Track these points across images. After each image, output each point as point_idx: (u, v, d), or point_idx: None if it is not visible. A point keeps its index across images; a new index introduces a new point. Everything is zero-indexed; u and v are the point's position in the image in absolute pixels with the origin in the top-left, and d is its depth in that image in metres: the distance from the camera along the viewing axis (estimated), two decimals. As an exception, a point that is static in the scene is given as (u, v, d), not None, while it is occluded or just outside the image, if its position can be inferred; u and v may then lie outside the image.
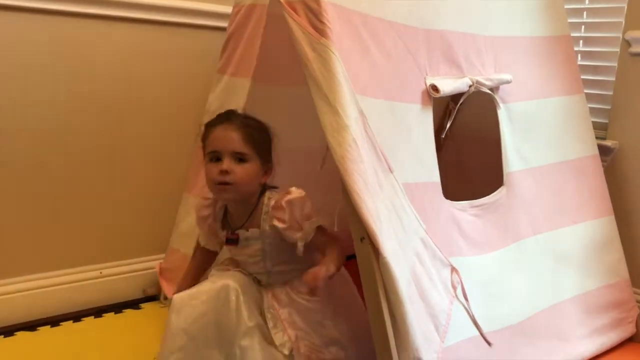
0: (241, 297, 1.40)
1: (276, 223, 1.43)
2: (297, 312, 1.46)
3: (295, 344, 1.43)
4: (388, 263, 1.24)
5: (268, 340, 1.43)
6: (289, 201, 1.42)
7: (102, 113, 1.95)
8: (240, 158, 1.43)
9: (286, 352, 1.41)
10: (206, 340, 1.39)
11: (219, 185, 1.43)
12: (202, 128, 1.51)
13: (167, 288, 2.01)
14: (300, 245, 1.42)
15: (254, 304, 1.44)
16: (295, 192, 1.44)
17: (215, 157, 1.44)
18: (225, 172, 1.41)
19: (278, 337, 1.43)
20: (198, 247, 1.68)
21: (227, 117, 1.48)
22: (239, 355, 1.38)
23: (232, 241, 1.50)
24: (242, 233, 1.49)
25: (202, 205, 1.56)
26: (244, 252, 1.51)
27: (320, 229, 1.44)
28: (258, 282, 1.52)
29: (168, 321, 1.41)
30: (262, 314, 1.46)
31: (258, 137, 1.46)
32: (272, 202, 1.46)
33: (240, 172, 1.42)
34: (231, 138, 1.43)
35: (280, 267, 1.50)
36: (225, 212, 1.55)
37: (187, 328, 1.39)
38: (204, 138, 1.49)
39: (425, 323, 1.34)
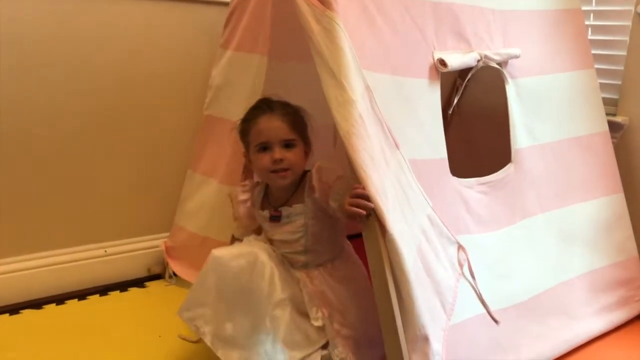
0: (275, 270, 1.43)
1: (313, 194, 1.47)
2: (331, 290, 1.49)
3: (329, 319, 1.45)
4: (394, 239, 1.23)
5: (301, 312, 1.46)
6: (318, 168, 1.47)
7: (104, 90, 1.93)
8: (287, 144, 1.48)
9: (318, 324, 1.44)
10: (234, 303, 1.43)
11: (276, 173, 1.48)
12: (239, 123, 1.55)
13: (173, 266, 2.00)
14: (332, 204, 1.43)
15: (285, 279, 1.46)
16: (324, 162, 1.49)
17: (263, 147, 1.49)
18: (279, 161, 1.47)
19: (313, 312, 1.45)
20: (233, 240, 1.71)
21: (268, 106, 1.51)
22: (269, 325, 1.41)
23: (276, 218, 1.53)
24: (285, 210, 1.52)
25: (241, 191, 1.61)
26: (285, 229, 1.53)
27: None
28: (290, 265, 1.53)
29: (202, 273, 1.46)
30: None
31: (299, 122, 1.52)
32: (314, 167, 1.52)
33: (292, 157, 1.48)
34: (278, 127, 1.48)
35: (318, 245, 1.52)
36: (265, 193, 1.59)
37: (218, 286, 1.43)
38: (245, 131, 1.53)
39: (432, 300, 1.33)
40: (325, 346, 1.45)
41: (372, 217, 1.25)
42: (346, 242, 1.61)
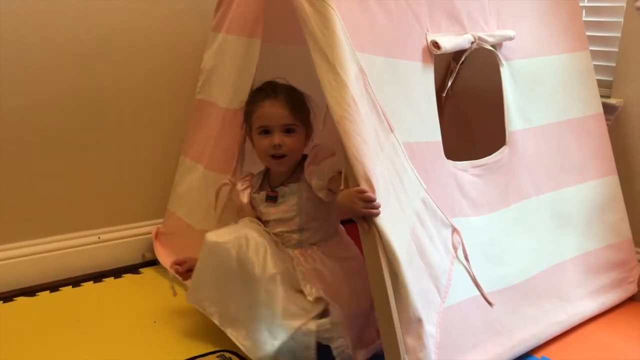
0: (268, 248, 1.46)
1: (306, 174, 1.51)
2: (325, 268, 1.52)
3: (326, 294, 1.47)
4: (381, 224, 1.23)
5: (295, 289, 1.48)
6: (314, 147, 1.53)
7: (96, 76, 1.91)
8: (288, 129, 1.51)
9: (312, 297, 1.46)
10: (233, 282, 1.46)
11: (274, 158, 1.53)
12: (243, 105, 1.59)
13: (158, 252, 2.00)
14: (313, 182, 1.47)
15: (277, 256, 1.48)
16: (323, 143, 1.53)
17: (264, 130, 1.53)
18: (279, 146, 1.50)
19: (307, 288, 1.47)
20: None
21: (272, 91, 1.53)
22: (265, 299, 1.44)
23: (272, 198, 1.57)
24: (280, 189, 1.56)
25: (240, 180, 1.64)
26: (280, 209, 1.56)
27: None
28: (285, 244, 1.55)
29: (201, 257, 1.51)
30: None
31: (302, 108, 1.54)
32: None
33: (291, 143, 1.51)
34: (280, 113, 1.51)
35: (313, 223, 1.55)
36: (264, 177, 1.63)
37: (216, 267, 1.48)
38: (248, 113, 1.57)
39: (426, 283, 1.33)
40: (322, 315, 1.46)
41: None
42: (339, 224, 1.62)
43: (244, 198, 1.62)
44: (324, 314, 1.46)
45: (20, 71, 1.79)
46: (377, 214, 1.24)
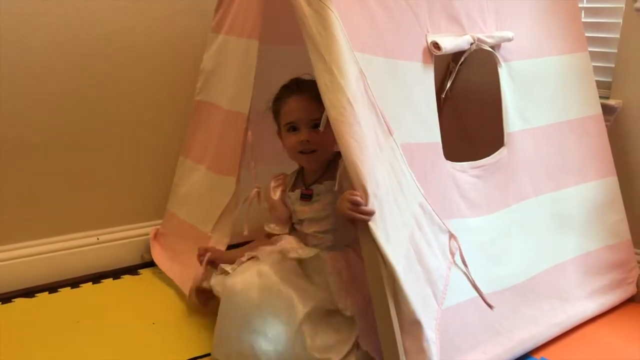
0: (289, 284, 1.42)
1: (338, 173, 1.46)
2: (360, 276, 1.46)
3: (359, 307, 1.43)
4: (372, 229, 1.22)
5: (327, 310, 1.44)
6: None
7: (95, 77, 1.91)
8: (316, 125, 1.45)
9: (348, 313, 1.43)
10: (254, 328, 1.41)
11: (304, 155, 1.51)
12: (270, 103, 1.57)
13: (155, 253, 1.99)
14: (345, 186, 1.43)
15: (303, 287, 1.45)
16: None
17: (292, 127, 1.51)
18: (306, 142, 1.48)
19: (342, 302, 1.44)
20: (269, 235, 1.65)
21: (297, 87, 1.52)
22: (297, 339, 1.39)
23: (307, 197, 1.54)
24: (315, 187, 1.53)
25: (275, 178, 1.62)
26: (314, 207, 1.54)
27: None
28: (317, 246, 1.52)
29: (221, 308, 1.46)
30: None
31: None
32: None
33: (319, 138, 1.48)
34: (306, 107, 1.48)
35: (346, 223, 1.47)
36: (298, 176, 1.60)
37: (237, 316, 1.42)
38: (276, 111, 1.55)
39: (424, 289, 1.33)
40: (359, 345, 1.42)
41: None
42: None
43: (275, 195, 1.59)
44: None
45: (19, 71, 1.79)
46: (364, 219, 1.23)
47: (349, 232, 1.48)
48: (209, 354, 1.53)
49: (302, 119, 1.49)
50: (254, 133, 1.71)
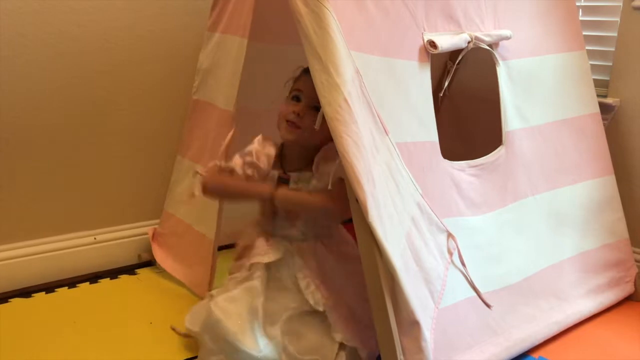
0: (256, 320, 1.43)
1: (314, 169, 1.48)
2: (330, 269, 1.50)
3: (329, 300, 1.45)
4: (374, 228, 1.22)
5: (304, 306, 1.45)
6: (329, 150, 1.45)
7: (92, 77, 1.91)
8: (316, 107, 1.43)
9: (321, 308, 1.43)
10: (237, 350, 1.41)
11: (289, 123, 1.47)
12: (298, 70, 1.53)
13: (157, 253, 1.99)
14: (312, 184, 1.48)
15: (273, 308, 1.46)
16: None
17: (296, 96, 1.49)
18: (297, 115, 1.45)
19: (311, 297, 1.44)
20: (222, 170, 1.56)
21: None
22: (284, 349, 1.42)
23: (285, 181, 1.51)
24: (294, 175, 1.51)
25: (266, 138, 1.55)
26: None
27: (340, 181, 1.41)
28: (287, 239, 1.52)
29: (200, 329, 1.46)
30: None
31: None
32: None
33: (309, 121, 1.45)
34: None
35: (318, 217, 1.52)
36: (281, 155, 1.56)
37: (224, 340, 1.41)
38: (294, 78, 1.53)
39: (421, 289, 1.32)
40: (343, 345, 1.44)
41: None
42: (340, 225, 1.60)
43: (271, 151, 1.53)
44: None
45: (14, 71, 1.78)
46: None
47: (323, 227, 1.52)
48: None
49: (308, 94, 1.43)
50: (249, 132, 1.70)
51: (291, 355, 1.41)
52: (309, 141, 1.49)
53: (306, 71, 1.47)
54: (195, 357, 1.52)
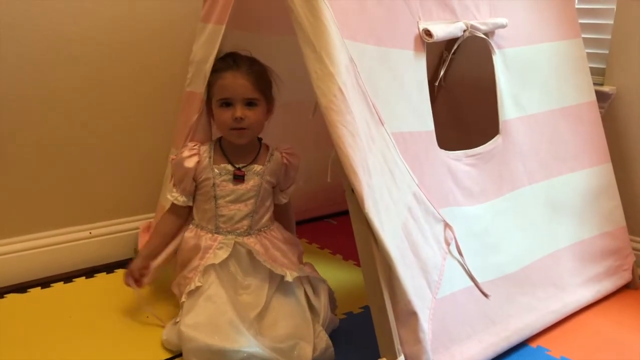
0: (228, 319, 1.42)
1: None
2: (280, 251, 1.58)
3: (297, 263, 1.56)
4: (370, 218, 1.22)
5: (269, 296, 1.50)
6: (291, 152, 1.59)
7: (85, 70, 1.89)
8: (250, 103, 1.49)
9: (290, 279, 1.49)
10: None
11: (235, 130, 1.50)
12: (208, 74, 1.55)
13: (143, 241, 1.98)
14: (277, 197, 1.62)
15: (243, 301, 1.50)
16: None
17: (225, 102, 1.50)
18: (240, 119, 1.48)
19: (279, 271, 1.50)
20: (173, 209, 1.65)
21: (234, 62, 1.51)
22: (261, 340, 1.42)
23: (240, 177, 1.54)
24: (246, 169, 1.55)
25: (189, 148, 1.58)
26: (242, 187, 1.55)
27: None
28: (233, 232, 1.56)
29: (194, 354, 1.42)
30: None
31: (264, 80, 1.52)
32: (282, 146, 1.59)
33: (253, 117, 1.50)
34: (242, 85, 1.48)
35: (262, 209, 1.58)
36: (221, 151, 1.58)
37: (209, 351, 1.40)
38: (211, 83, 1.54)
39: (418, 279, 1.32)
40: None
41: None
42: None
43: (190, 164, 1.55)
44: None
45: (9, 68, 1.76)
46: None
47: (265, 218, 1.59)
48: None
49: (237, 96, 1.48)
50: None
51: (272, 347, 1.39)
52: (257, 133, 1.55)
53: (219, 71, 1.52)
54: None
